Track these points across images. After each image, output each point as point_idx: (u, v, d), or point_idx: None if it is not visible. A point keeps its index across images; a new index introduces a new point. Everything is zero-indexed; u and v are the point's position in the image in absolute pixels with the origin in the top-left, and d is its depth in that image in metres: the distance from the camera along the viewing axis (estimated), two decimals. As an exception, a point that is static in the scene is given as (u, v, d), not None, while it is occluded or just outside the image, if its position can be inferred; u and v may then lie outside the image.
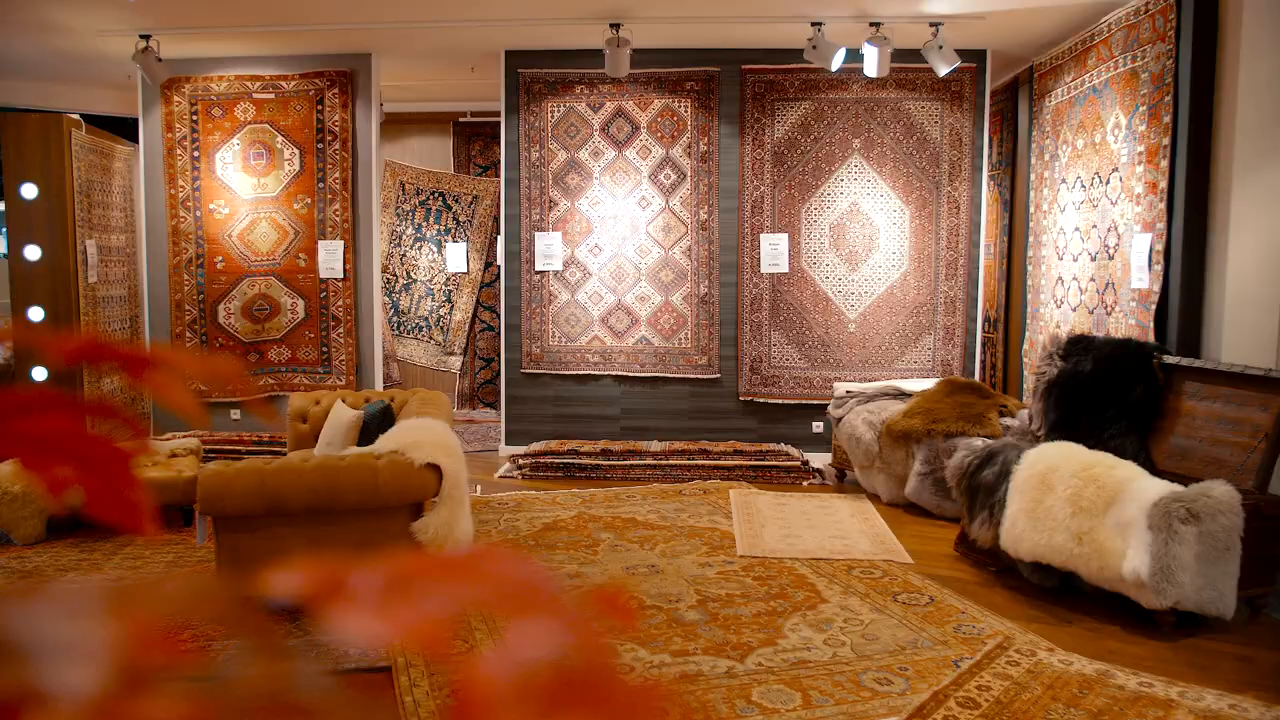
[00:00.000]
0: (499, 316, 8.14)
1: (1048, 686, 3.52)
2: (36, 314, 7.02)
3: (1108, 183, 6.05)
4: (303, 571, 0.32)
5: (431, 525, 4.14)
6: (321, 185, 7.69)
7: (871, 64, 6.57)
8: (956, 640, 3.99)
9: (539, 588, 0.30)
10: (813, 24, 6.58)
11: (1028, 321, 7.43)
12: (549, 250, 7.71)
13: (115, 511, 0.46)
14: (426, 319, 10.10)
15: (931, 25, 6.54)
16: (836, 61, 6.70)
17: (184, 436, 7.10)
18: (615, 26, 6.68)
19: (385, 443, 4.35)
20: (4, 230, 7.24)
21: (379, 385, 7.90)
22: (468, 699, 0.28)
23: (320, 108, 7.65)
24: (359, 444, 5.18)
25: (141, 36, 6.86)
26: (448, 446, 4.34)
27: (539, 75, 7.64)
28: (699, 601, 4.44)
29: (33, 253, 7.00)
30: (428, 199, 10.05)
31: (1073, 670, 3.66)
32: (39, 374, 6.89)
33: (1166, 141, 5.34)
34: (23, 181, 6.96)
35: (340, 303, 7.76)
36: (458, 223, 10.00)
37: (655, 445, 7.32)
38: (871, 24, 6.54)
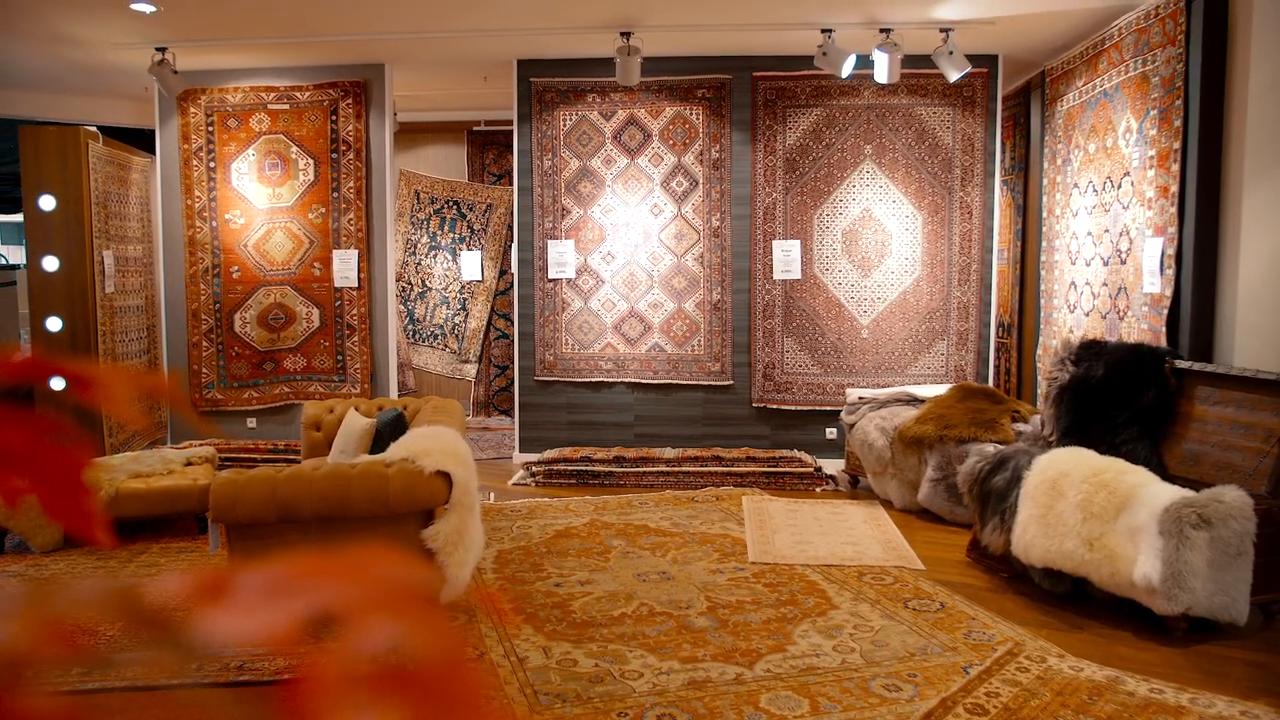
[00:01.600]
0: (513, 324, 8.17)
1: (1057, 693, 3.51)
2: (54, 324, 7.10)
3: (1119, 187, 6.03)
4: (187, 575, 0.33)
5: (442, 533, 4.16)
6: (336, 195, 7.75)
7: (882, 70, 6.57)
8: (966, 646, 3.98)
9: (403, 589, 0.31)
10: (823, 31, 6.59)
11: (1041, 326, 7.41)
12: (562, 258, 7.74)
13: (69, 520, 0.48)
14: (442, 327, 10.15)
15: (942, 31, 6.54)
16: (847, 68, 6.70)
17: (200, 445, 7.17)
18: (626, 35, 6.71)
19: (396, 450, 4.38)
20: (23, 241, 7.31)
21: (394, 393, 7.94)
22: (302, 687, 0.29)
23: (334, 118, 7.71)
24: (371, 452, 5.21)
25: (157, 49, 6.95)
26: (458, 454, 4.36)
27: (551, 84, 7.68)
28: (709, 608, 4.45)
29: (51, 263, 7.08)
30: (442, 208, 10.11)
31: (1083, 676, 3.65)
32: (57, 384, 6.95)
33: (1177, 145, 5.32)
34: (41, 193, 7.05)
35: (355, 311, 7.82)
36: (472, 231, 10.05)
37: (669, 452, 7.33)
38: (881, 30, 6.54)
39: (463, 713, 0.29)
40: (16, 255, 13.76)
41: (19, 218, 7.94)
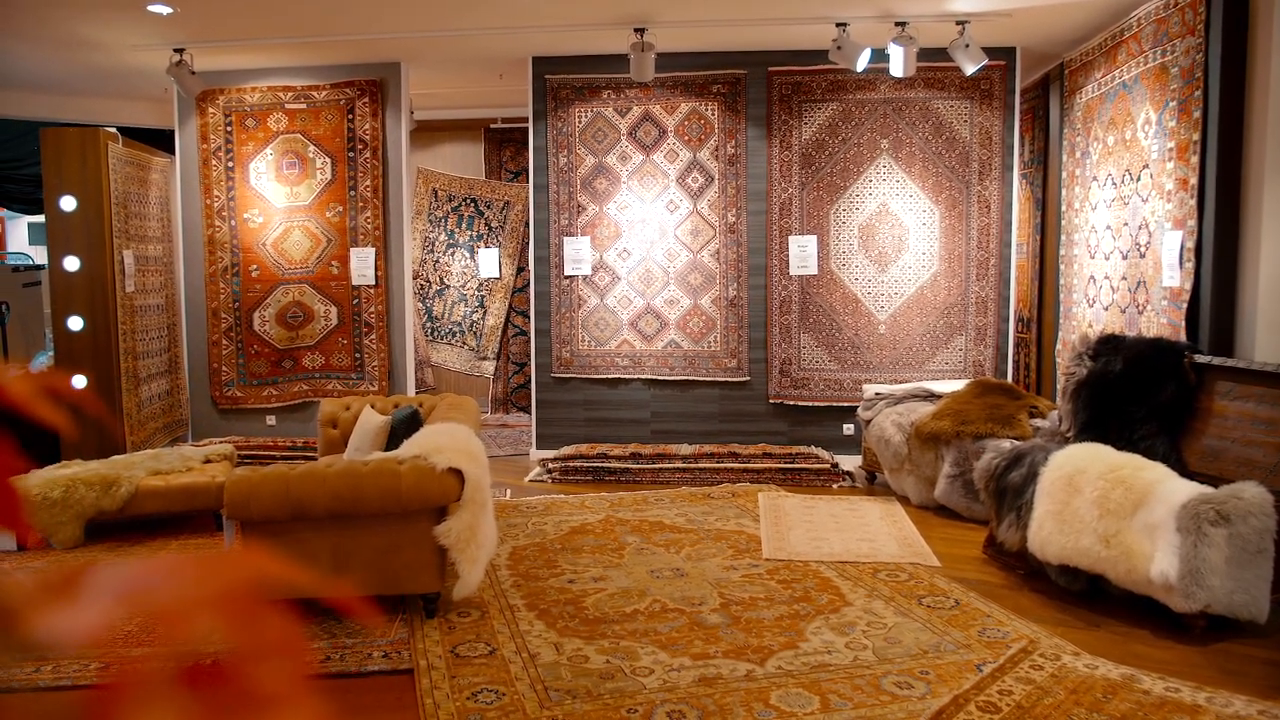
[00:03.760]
0: (530, 321, 8.18)
1: (1071, 691, 3.48)
2: (76, 323, 7.16)
3: (1138, 179, 5.97)
4: (35, 575, 0.33)
5: (454, 529, 4.17)
6: (353, 193, 7.78)
7: (897, 64, 6.53)
8: (980, 644, 3.95)
9: (237, 589, 0.31)
10: (837, 25, 6.55)
11: (1061, 321, 7.34)
12: (578, 255, 7.74)
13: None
14: (460, 324, 10.17)
15: (958, 24, 6.48)
16: (862, 62, 6.66)
17: (220, 442, 7.23)
18: (640, 31, 6.69)
19: (408, 448, 4.39)
20: (45, 242, 7.39)
21: (411, 391, 7.97)
22: (113, 686, 0.29)
23: (351, 116, 7.74)
24: (386, 449, 5.23)
25: (175, 50, 6.99)
26: (470, 451, 4.37)
27: (566, 81, 7.68)
28: (722, 605, 4.44)
29: (72, 263, 7.15)
30: (460, 205, 10.13)
31: (1098, 675, 3.61)
32: (78, 381, 7.01)
33: (1197, 137, 5.25)
34: (62, 194, 7.12)
35: (372, 309, 7.85)
36: (490, 229, 10.07)
37: (685, 448, 7.32)
38: (897, 23, 6.49)
39: (281, 707, 0.28)
40: (42, 255, 13.89)
41: (42, 218, 8.02)
